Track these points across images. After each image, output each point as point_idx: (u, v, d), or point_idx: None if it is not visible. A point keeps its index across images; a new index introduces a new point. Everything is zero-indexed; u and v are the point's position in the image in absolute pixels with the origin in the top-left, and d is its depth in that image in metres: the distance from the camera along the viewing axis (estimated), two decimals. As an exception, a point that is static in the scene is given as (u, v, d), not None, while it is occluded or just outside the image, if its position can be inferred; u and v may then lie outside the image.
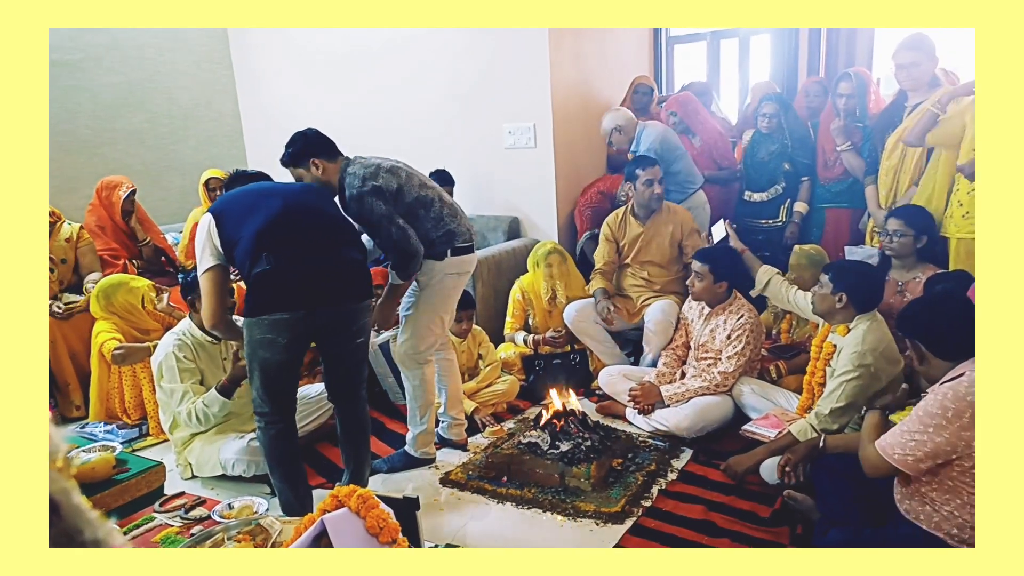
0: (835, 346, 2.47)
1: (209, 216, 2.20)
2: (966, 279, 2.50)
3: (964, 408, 1.59)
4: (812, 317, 2.76)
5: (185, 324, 2.78)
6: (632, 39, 4.89)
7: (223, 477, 2.67)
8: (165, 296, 3.39)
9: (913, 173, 3.12)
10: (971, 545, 1.63)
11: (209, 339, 2.75)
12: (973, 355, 1.69)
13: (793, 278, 3.09)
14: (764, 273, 2.98)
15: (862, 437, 1.89)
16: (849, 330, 2.44)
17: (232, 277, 2.54)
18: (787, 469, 2.24)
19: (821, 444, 2.25)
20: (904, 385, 2.21)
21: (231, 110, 5.41)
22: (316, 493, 2.50)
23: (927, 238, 2.87)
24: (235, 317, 2.57)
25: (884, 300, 2.90)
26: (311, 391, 2.98)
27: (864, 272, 2.58)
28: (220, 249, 2.19)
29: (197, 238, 2.21)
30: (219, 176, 4.21)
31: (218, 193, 4.19)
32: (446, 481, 2.67)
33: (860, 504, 1.95)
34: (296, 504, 2.30)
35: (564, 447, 2.62)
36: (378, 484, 2.66)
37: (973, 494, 1.62)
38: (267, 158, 5.43)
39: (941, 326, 1.76)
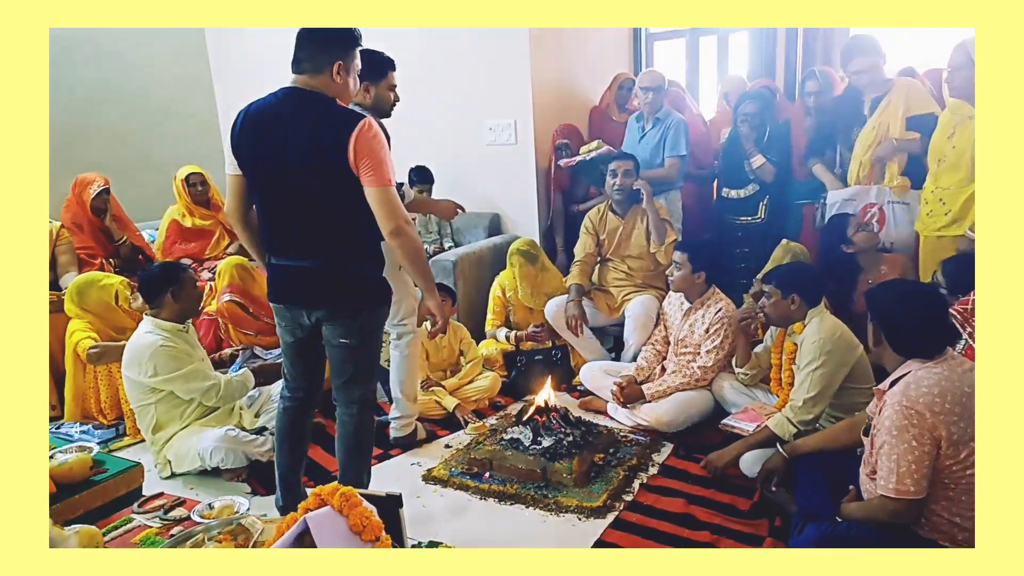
0: (796, 344, 2.53)
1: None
2: (914, 285, 2.54)
3: (921, 408, 1.61)
4: None
5: (148, 324, 2.71)
6: (612, 36, 4.91)
7: (203, 476, 2.65)
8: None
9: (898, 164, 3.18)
10: (942, 535, 1.66)
11: (179, 327, 2.73)
12: (925, 355, 1.72)
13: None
14: None
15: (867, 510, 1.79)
16: (804, 326, 2.51)
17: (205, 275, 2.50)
18: (773, 488, 2.27)
19: (787, 454, 2.28)
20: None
21: (208, 106, 5.35)
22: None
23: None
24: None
25: (860, 302, 2.96)
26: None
27: (804, 269, 2.69)
28: None
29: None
30: (199, 172, 4.17)
31: (199, 189, 4.16)
32: (428, 478, 2.67)
33: (835, 497, 1.98)
34: (280, 488, 2.33)
35: (546, 443, 2.63)
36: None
37: (938, 487, 1.64)
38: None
39: (902, 319, 1.75)
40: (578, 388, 3.44)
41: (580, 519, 2.35)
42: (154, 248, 4.20)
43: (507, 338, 3.61)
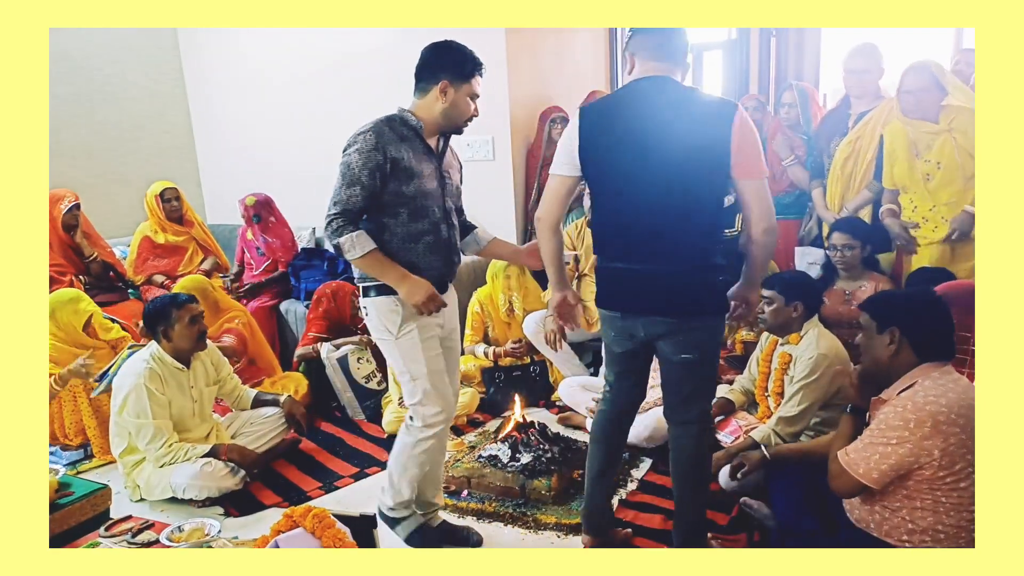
0: (791, 356, 2.52)
1: None
2: (947, 275, 2.56)
3: (925, 418, 1.59)
4: None
5: (153, 349, 2.63)
6: (589, 52, 4.96)
7: (174, 499, 2.59)
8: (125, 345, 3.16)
9: (864, 179, 3.22)
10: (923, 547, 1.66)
11: (179, 366, 2.65)
12: (948, 356, 1.70)
13: None
14: None
15: (832, 446, 1.81)
16: (801, 338, 2.50)
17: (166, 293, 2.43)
18: (739, 476, 2.26)
19: (770, 456, 2.27)
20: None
21: (183, 121, 5.30)
22: (269, 513, 2.44)
23: (871, 247, 2.97)
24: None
25: (833, 309, 2.99)
26: (265, 412, 2.92)
27: (805, 278, 2.68)
28: None
29: None
30: (173, 187, 4.12)
31: (174, 204, 4.11)
32: (406, 497, 2.64)
33: (813, 512, 1.97)
34: (588, 490, 2.19)
35: (525, 459, 2.61)
36: (334, 503, 2.61)
37: (929, 500, 1.63)
38: (219, 170, 5.33)
39: (935, 322, 1.72)
40: (557, 404, 3.43)
41: (559, 536, 2.32)
42: (126, 264, 4.14)
43: (485, 354, 3.59)
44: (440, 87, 1.99)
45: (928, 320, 1.72)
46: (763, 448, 2.29)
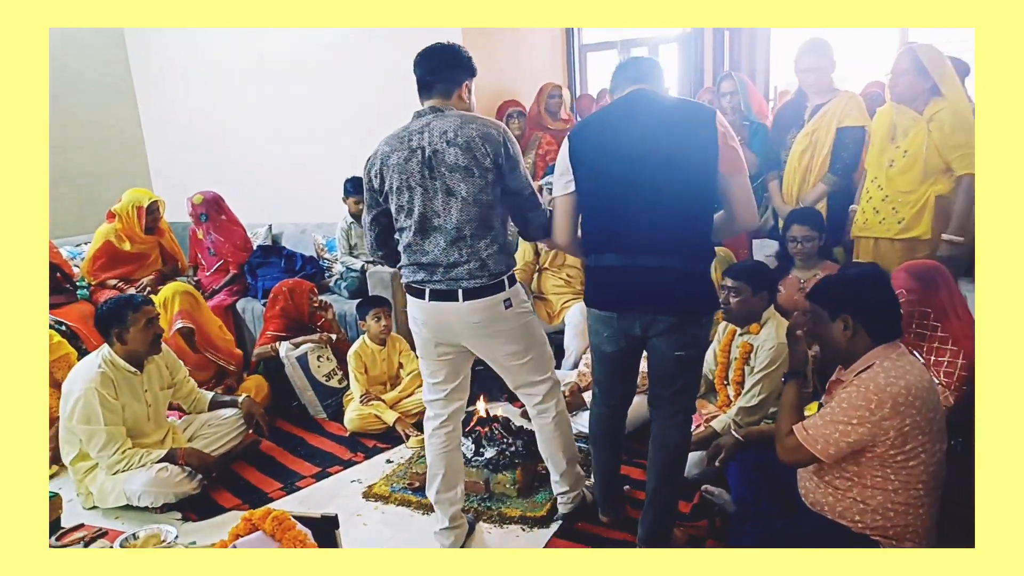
0: (751, 345, 2.56)
1: None
2: (879, 271, 2.62)
3: (886, 399, 1.62)
4: None
5: (104, 352, 2.54)
6: (546, 49, 4.96)
7: (129, 505, 2.52)
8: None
9: (820, 172, 3.28)
10: (873, 531, 1.70)
11: (132, 370, 2.57)
12: (897, 334, 1.75)
13: None
14: None
15: (780, 416, 1.87)
16: (761, 327, 2.54)
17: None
18: (717, 463, 2.31)
19: (743, 438, 2.32)
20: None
21: (130, 116, 5.14)
22: (229, 516, 2.39)
23: (825, 237, 3.04)
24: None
25: (788, 297, 3.05)
26: (223, 413, 2.86)
27: (767, 268, 2.72)
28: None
29: None
30: (157, 200, 4.00)
31: (156, 216, 3.98)
32: (369, 495, 2.61)
33: (771, 497, 2.01)
34: (600, 492, 2.31)
35: (489, 453, 2.61)
36: (296, 504, 2.58)
37: (879, 478, 1.68)
38: (170, 167, 5.19)
39: (883, 301, 1.77)
40: (520, 397, 3.43)
41: (525, 529, 2.33)
42: (81, 265, 4.00)
43: (448, 349, 3.57)
44: (465, 85, 2.04)
45: (876, 301, 1.77)
46: (733, 432, 2.35)
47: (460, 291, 1.98)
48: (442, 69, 1.99)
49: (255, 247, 4.32)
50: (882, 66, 3.82)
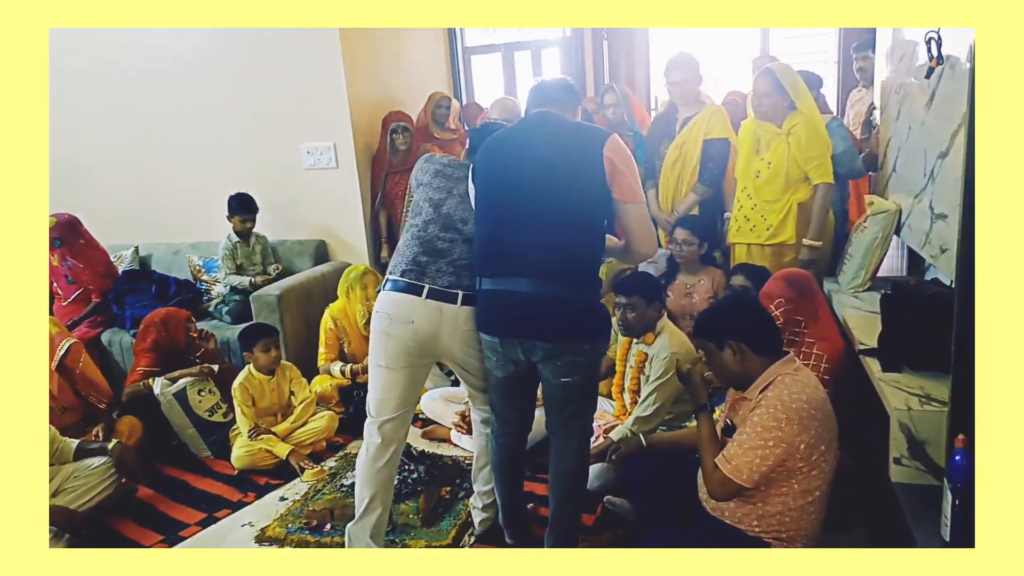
0: (646, 354, 2.61)
1: None
2: (766, 273, 2.76)
3: (792, 415, 1.67)
4: None
5: None
6: (428, 51, 4.88)
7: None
8: None
9: (690, 181, 3.42)
10: (768, 534, 1.76)
11: None
12: (781, 351, 1.81)
13: None
14: None
15: (701, 454, 1.85)
16: (656, 336, 2.60)
17: None
18: (613, 457, 2.34)
19: (644, 443, 2.37)
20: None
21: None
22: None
23: (707, 244, 3.17)
24: None
25: (676, 303, 3.16)
26: (91, 463, 2.59)
27: (654, 278, 2.80)
28: None
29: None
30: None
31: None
32: (263, 539, 2.44)
33: (672, 504, 2.06)
34: (505, 518, 2.28)
35: (389, 483, 2.51)
36: (179, 557, 2.37)
37: (784, 487, 1.73)
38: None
39: (765, 322, 1.85)
40: (420, 417, 3.35)
41: (431, 560, 2.27)
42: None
43: (342, 372, 3.43)
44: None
45: (754, 321, 1.86)
46: (640, 436, 2.40)
47: (460, 295, 1.98)
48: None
49: (120, 272, 3.97)
50: (742, 74, 3.98)
